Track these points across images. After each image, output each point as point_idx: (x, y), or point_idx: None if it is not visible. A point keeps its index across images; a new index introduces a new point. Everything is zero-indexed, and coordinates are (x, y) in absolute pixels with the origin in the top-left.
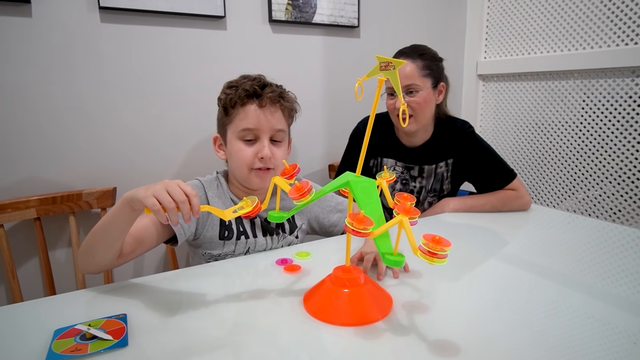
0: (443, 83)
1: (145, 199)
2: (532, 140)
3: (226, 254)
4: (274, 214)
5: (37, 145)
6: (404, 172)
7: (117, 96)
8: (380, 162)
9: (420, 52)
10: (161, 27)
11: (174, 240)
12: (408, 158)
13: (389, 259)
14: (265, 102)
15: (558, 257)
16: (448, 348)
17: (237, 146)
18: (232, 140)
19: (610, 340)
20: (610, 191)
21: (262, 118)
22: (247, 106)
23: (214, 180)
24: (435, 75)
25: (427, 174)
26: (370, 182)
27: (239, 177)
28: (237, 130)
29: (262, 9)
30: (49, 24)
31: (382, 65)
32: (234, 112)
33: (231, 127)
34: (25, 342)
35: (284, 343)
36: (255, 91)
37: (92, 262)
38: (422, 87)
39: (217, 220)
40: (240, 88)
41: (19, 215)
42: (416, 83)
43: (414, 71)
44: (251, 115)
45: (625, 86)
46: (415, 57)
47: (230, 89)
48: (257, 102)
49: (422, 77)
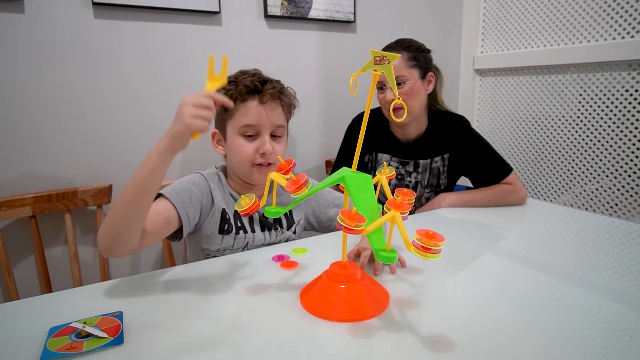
0: (432, 73)
1: (191, 124)
2: (529, 135)
3: (225, 248)
4: (270, 209)
5: (30, 143)
6: (399, 167)
7: (112, 92)
8: (375, 158)
9: (406, 44)
10: (155, 23)
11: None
12: (403, 153)
13: (381, 255)
14: (267, 98)
15: (555, 251)
16: (444, 343)
17: (238, 142)
18: (232, 136)
19: (607, 334)
20: (607, 185)
21: (263, 114)
22: (247, 102)
23: (215, 174)
24: (422, 66)
25: (423, 169)
26: (365, 177)
27: (239, 173)
28: (238, 126)
29: (257, 4)
30: (41, 20)
31: (377, 60)
32: (235, 108)
33: (231, 122)
34: (20, 340)
35: (281, 339)
36: (256, 87)
37: (123, 239)
38: (409, 77)
39: (217, 214)
40: (241, 84)
41: (14, 214)
42: (402, 74)
43: (400, 63)
44: (252, 112)
45: (622, 80)
46: (401, 50)
47: (229, 84)
48: (258, 98)
49: (408, 69)
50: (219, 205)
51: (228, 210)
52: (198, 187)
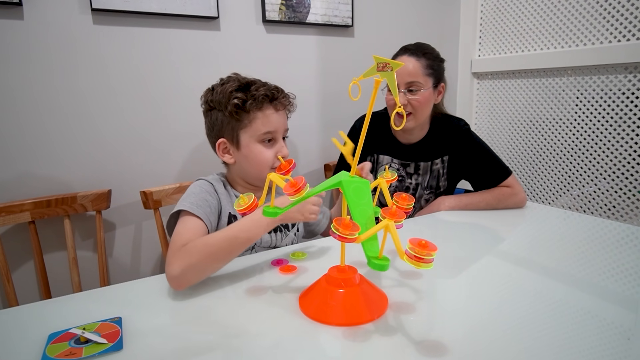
0: (443, 84)
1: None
2: (527, 138)
3: None
4: (268, 209)
5: (30, 148)
6: (400, 169)
7: (111, 98)
8: (376, 160)
9: (425, 50)
10: (154, 28)
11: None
12: (404, 155)
13: (374, 262)
14: (282, 106)
15: (553, 254)
16: (441, 349)
17: (257, 149)
18: (250, 144)
19: (605, 336)
20: (605, 187)
21: (279, 121)
22: (265, 110)
23: (219, 179)
24: (436, 76)
25: (423, 171)
26: (363, 182)
27: (256, 178)
28: (258, 134)
29: (255, 9)
30: (41, 26)
31: (380, 66)
32: (250, 117)
33: (248, 131)
34: (20, 346)
35: (280, 344)
36: (273, 95)
37: (204, 275)
38: (423, 85)
39: (225, 218)
40: (257, 93)
41: (13, 219)
42: (419, 81)
43: (418, 69)
44: (272, 119)
45: (619, 82)
46: (420, 55)
47: (239, 93)
48: (273, 106)
49: (424, 76)
50: (226, 210)
51: (234, 214)
52: (210, 194)
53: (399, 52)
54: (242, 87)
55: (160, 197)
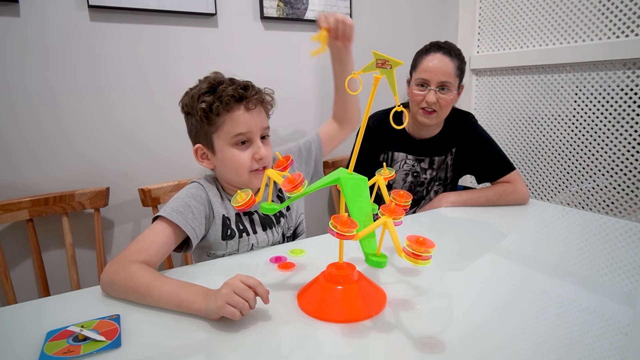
0: (463, 85)
1: (223, 310)
2: (525, 134)
3: (230, 253)
4: (266, 205)
5: (27, 146)
6: (414, 164)
7: (108, 95)
8: (391, 156)
9: (457, 51)
10: (151, 25)
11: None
12: (418, 151)
13: (371, 260)
14: (253, 105)
15: (552, 250)
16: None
17: (231, 153)
18: (223, 148)
19: (603, 332)
20: (604, 184)
21: (251, 121)
22: (234, 112)
23: (212, 180)
24: (461, 77)
25: (437, 165)
26: (361, 179)
27: (236, 182)
28: (229, 137)
29: (253, 6)
30: (37, 23)
31: (379, 63)
32: (220, 120)
33: (219, 135)
34: (18, 344)
35: (279, 340)
36: (241, 95)
37: (125, 297)
38: (453, 86)
39: (219, 221)
40: (224, 94)
41: (11, 217)
42: (451, 81)
43: (452, 70)
44: (241, 120)
45: (617, 79)
46: (453, 56)
47: (207, 96)
48: (244, 106)
49: (455, 77)
50: (219, 212)
51: (228, 216)
52: (197, 198)
53: (431, 48)
54: (210, 89)
55: (158, 194)
